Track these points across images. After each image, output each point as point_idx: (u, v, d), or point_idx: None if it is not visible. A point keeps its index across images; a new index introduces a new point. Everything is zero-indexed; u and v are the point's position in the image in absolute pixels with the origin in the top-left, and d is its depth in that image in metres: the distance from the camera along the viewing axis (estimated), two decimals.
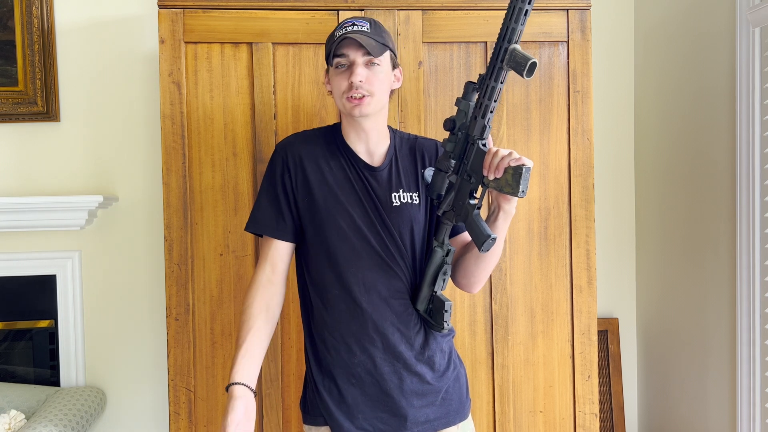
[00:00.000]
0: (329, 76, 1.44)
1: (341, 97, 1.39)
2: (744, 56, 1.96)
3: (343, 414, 1.40)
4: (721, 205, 2.10)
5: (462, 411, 1.48)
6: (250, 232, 1.47)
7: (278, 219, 1.43)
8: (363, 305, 1.38)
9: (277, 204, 1.43)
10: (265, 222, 1.44)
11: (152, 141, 2.35)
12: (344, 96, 1.38)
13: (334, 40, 1.39)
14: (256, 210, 1.46)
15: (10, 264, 2.29)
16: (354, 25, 1.39)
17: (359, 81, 1.36)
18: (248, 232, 1.47)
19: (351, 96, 1.37)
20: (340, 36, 1.38)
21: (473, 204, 1.31)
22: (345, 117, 1.45)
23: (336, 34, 1.40)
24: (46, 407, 2.04)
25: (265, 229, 1.44)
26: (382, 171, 1.44)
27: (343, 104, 1.40)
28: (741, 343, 1.99)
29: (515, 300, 1.92)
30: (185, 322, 1.82)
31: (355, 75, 1.36)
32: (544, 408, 1.94)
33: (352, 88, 1.37)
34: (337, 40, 1.38)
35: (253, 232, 1.47)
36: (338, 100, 1.42)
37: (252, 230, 1.46)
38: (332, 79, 1.42)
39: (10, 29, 2.28)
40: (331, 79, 1.43)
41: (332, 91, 1.43)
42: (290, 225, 1.43)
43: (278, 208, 1.43)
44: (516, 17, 1.18)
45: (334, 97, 1.44)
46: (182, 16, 1.81)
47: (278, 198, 1.43)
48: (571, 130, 1.92)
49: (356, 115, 1.39)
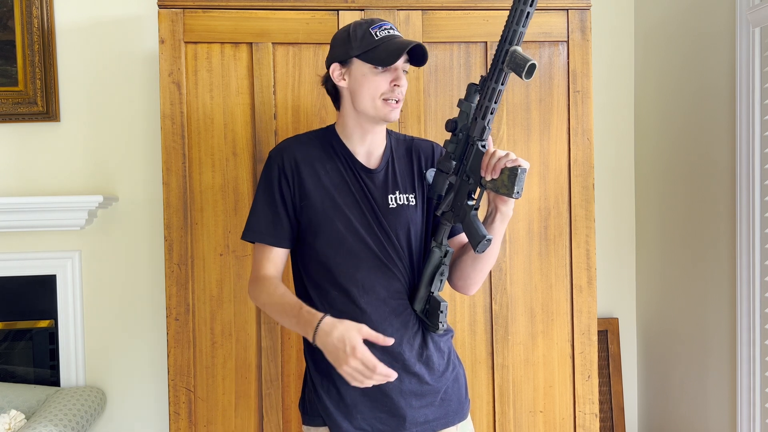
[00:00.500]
0: (353, 71, 1.38)
1: (377, 97, 1.37)
2: (744, 56, 1.96)
3: (342, 414, 1.39)
4: (721, 204, 2.10)
5: (461, 411, 1.47)
6: (248, 240, 1.46)
7: (275, 226, 1.42)
8: (361, 306, 1.38)
9: (274, 210, 1.42)
10: (261, 229, 1.42)
11: (152, 141, 2.35)
12: (381, 97, 1.37)
13: (385, 40, 1.35)
14: (253, 217, 1.44)
15: (10, 264, 2.29)
16: (392, 29, 1.38)
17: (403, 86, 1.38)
18: (246, 240, 1.46)
19: (390, 99, 1.37)
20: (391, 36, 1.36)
21: (471, 205, 1.32)
22: (357, 118, 1.42)
23: (377, 33, 1.36)
24: (46, 407, 2.04)
25: (263, 237, 1.42)
26: (379, 173, 1.44)
27: (375, 106, 1.37)
28: (741, 343, 1.99)
29: (515, 300, 1.92)
30: (185, 322, 1.82)
31: (402, 80, 1.37)
32: (544, 408, 1.94)
33: (393, 91, 1.36)
34: (388, 40, 1.35)
35: (251, 240, 1.45)
36: (369, 101, 1.37)
37: (249, 239, 1.45)
38: (365, 77, 1.36)
39: (10, 29, 2.28)
40: (362, 76, 1.37)
41: (359, 88, 1.38)
42: (287, 231, 1.43)
43: (275, 214, 1.42)
44: (518, 20, 1.18)
45: (359, 96, 1.38)
46: (182, 16, 1.81)
47: (275, 204, 1.42)
48: (571, 130, 1.92)
49: (390, 119, 1.39)
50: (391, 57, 1.34)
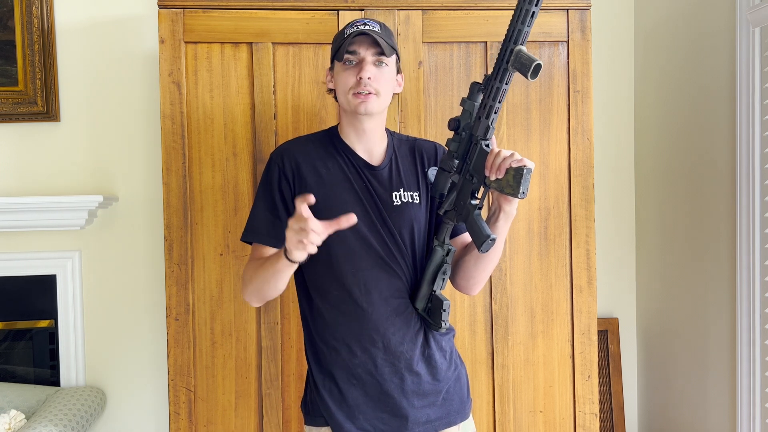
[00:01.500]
0: (334, 72, 1.44)
1: (347, 93, 1.39)
2: (744, 56, 1.96)
3: (344, 414, 1.40)
4: (721, 204, 2.10)
5: (463, 411, 1.48)
6: (246, 241, 1.46)
7: (275, 227, 1.41)
8: (363, 305, 1.38)
9: (275, 212, 1.42)
10: (262, 230, 1.42)
11: (152, 141, 2.34)
12: (351, 92, 1.38)
13: (346, 36, 1.39)
14: (252, 218, 1.44)
15: (10, 264, 2.29)
16: (365, 24, 1.40)
17: (368, 77, 1.37)
18: (245, 242, 1.46)
19: (358, 92, 1.37)
20: (353, 32, 1.38)
21: (474, 204, 1.32)
22: (346, 116, 1.45)
23: (347, 32, 1.40)
24: (46, 407, 2.04)
25: (263, 238, 1.42)
26: (383, 170, 1.45)
27: (348, 100, 1.40)
28: (741, 343, 1.99)
29: (515, 300, 1.92)
30: (185, 322, 1.82)
31: (365, 71, 1.37)
32: (544, 408, 1.94)
33: (359, 84, 1.37)
34: (349, 36, 1.38)
35: (250, 241, 1.45)
36: (343, 97, 1.41)
37: (249, 240, 1.45)
38: (338, 75, 1.42)
39: (10, 29, 2.28)
40: (336, 75, 1.43)
41: (337, 87, 1.43)
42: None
43: (275, 215, 1.42)
44: (523, 19, 1.18)
45: (337, 95, 1.44)
46: (182, 16, 1.81)
47: (275, 206, 1.42)
48: (571, 130, 1.92)
49: (361, 112, 1.39)
50: (342, 49, 1.38)
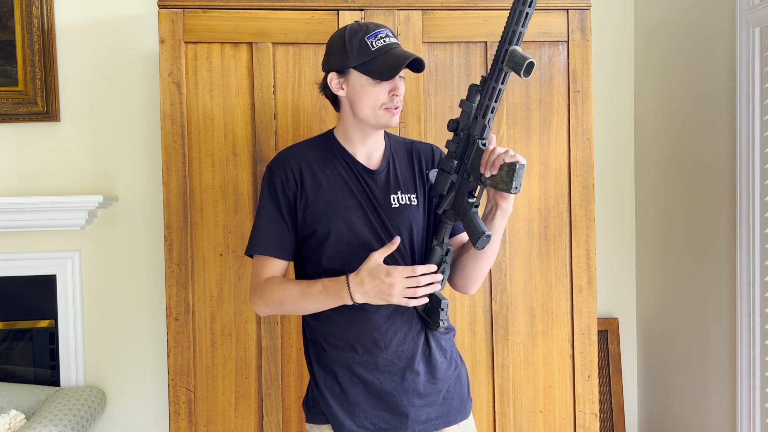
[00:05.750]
0: (351, 81, 1.38)
1: (378, 108, 1.38)
2: (744, 56, 1.96)
3: (345, 412, 1.40)
4: (721, 204, 2.10)
5: (463, 410, 1.48)
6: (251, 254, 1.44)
7: (282, 238, 1.42)
8: (364, 306, 1.38)
9: (279, 223, 1.42)
10: (270, 243, 1.42)
11: (152, 141, 2.34)
12: (383, 107, 1.38)
13: (382, 51, 1.35)
14: (258, 231, 1.44)
15: (10, 264, 2.29)
16: (388, 36, 1.38)
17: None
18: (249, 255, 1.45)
19: (391, 107, 1.38)
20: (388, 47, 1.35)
21: (471, 202, 1.33)
22: (357, 124, 1.43)
23: (374, 44, 1.36)
24: (46, 407, 2.04)
25: (272, 251, 1.42)
26: (380, 173, 1.45)
27: (378, 115, 1.38)
28: (741, 343, 1.99)
29: (515, 300, 1.92)
30: (185, 322, 1.82)
31: (400, 88, 1.38)
32: (544, 408, 1.94)
33: (393, 100, 1.37)
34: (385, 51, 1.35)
35: (254, 254, 1.44)
36: (369, 110, 1.38)
37: (258, 253, 1.43)
38: (364, 88, 1.37)
39: (10, 29, 2.28)
40: (361, 88, 1.37)
41: (359, 99, 1.38)
42: (292, 243, 1.43)
43: (280, 227, 1.42)
44: (517, 20, 1.20)
45: (359, 106, 1.39)
46: (182, 16, 1.81)
47: (280, 217, 1.42)
48: (571, 130, 1.92)
49: (391, 125, 1.40)
50: (389, 72, 1.35)
